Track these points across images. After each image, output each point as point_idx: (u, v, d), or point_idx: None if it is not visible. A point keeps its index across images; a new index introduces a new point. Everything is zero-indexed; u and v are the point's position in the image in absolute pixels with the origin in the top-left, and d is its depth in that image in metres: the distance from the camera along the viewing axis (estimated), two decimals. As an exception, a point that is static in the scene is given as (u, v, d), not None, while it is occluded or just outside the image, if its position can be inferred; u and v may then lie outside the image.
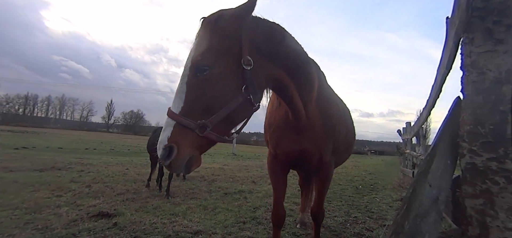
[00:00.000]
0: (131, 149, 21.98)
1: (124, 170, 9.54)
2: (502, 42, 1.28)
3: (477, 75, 1.31)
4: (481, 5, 1.34)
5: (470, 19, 1.33)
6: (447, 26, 1.78)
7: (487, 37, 1.30)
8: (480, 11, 1.34)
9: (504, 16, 1.28)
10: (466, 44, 1.38)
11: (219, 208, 5.19)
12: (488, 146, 1.29)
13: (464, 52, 1.37)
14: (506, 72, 1.25)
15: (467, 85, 1.34)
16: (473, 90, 1.31)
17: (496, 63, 1.27)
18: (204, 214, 4.78)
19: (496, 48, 1.28)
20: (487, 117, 1.27)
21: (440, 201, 1.35)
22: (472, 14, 1.34)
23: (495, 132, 1.25)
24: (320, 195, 2.67)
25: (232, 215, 4.83)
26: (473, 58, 1.33)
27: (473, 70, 1.33)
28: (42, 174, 7.79)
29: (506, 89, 1.24)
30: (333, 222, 4.76)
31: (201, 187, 7.32)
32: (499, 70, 1.26)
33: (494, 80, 1.26)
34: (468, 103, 1.35)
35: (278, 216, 2.54)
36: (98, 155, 15.31)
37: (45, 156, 12.24)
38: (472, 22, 1.35)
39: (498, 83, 1.25)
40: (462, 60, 1.38)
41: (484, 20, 1.32)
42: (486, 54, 1.30)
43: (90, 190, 6.06)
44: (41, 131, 43.19)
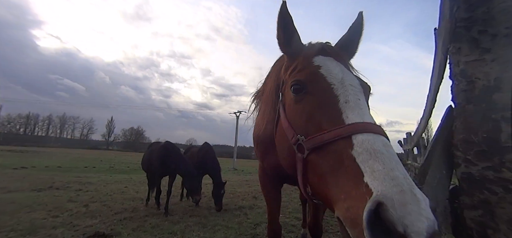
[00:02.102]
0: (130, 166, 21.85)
1: (122, 188, 9.43)
2: (490, 51, 1.29)
3: (466, 84, 1.31)
4: (466, 16, 1.37)
5: (456, 29, 1.35)
6: (436, 37, 1.80)
7: (473, 47, 1.31)
8: (465, 22, 1.36)
9: (489, 26, 1.30)
10: (453, 54, 1.39)
11: (219, 226, 5.08)
12: (482, 154, 1.27)
13: (453, 62, 1.38)
14: (495, 80, 1.25)
15: (457, 94, 1.34)
16: (463, 99, 1.31)
17: (484, 71, 1.28)
18: (203, 232, 4.67)
19: (484, 57, 1.29)
20: (480, 126, 1.26)
21: (437, 214, 1.31)
22: (457, 24, 1.36)
23: (488, 140, 1.23)
24: (315, 209, 2.61)
25: (232, 232, 4.72)
26: (461, 67, 1.34)
27: (462, 79, 1.33)
28: (39, 194, 7.70)
29: (497, 97, 1.24)
30: (335, 237, 4.63)
31: (200, 204, 7.20)
32: (488, 79, 1.26)
33: (483, 89, 1.26)
34: (459, 111, 1.34)
35: (273, 232, 2.48)
36: (97, 173, 15.19)
37: (43, 175, 12.14)
38: (458, 32, 1.36)
39: (488, 91, 1.25)
40: (450, 69, 1.39)
41: (470, 30, 1.34)
42: (474, 63, 1.30)
43: (87, 210, 5.96)
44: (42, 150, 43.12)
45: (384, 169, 0.83)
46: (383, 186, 0.78)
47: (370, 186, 0.80)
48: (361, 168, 0.86)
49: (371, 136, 0.94)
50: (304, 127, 1.13)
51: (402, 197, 0.75)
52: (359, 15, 1.49)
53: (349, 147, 0.94)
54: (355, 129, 0.97)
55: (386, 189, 0.77)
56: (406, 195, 0.75)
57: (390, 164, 0.85)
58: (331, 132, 1.00)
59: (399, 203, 0.74)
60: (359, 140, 0.94)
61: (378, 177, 0.81)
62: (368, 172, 0.84)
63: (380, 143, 0.93)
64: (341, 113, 1.05)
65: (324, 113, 1.09)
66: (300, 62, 1.31)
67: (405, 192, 0.76)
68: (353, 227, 0.81)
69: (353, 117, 1.02)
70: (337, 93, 1.12)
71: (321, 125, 1.07)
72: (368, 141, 0.93)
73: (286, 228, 5.07)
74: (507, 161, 1.19)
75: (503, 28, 1.26)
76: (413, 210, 0.72)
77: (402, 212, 0.72)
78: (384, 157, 0.87)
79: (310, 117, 1.13)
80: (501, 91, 1.24)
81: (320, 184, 1.01)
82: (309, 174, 1.08)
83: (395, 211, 0.72)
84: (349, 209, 0.83)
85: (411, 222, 0.71)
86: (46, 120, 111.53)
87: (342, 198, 0.87)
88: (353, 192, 0.84)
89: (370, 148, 0.90)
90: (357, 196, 0.82)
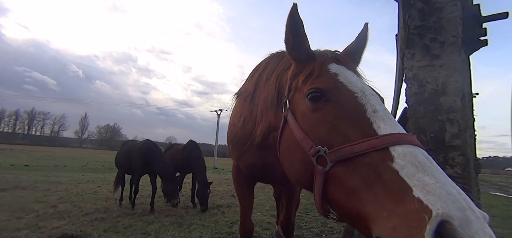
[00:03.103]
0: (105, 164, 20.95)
1: (95, 187, 9.03)
2: (439, 57, 1.40)
3: (418, 87, 1.43)
4: (420, 24, 1.48)
5: (411, 36, 1.47)
6: (396, 43, 1.93)
7: (425, 53, 1.43)
8: (419, 29, 1.47)
9: (438, 34, 1.41)
10: (408, 59, 1.50)
11: (195, 225, 5.03)
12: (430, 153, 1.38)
13: (407, 66, 1.49)
14: (442, 84, 1.37)
15: (410, 97, 1.45)
16: (415, 101, 1.42)
17: (433, 76, 1.39)
18: (179, 232, 4.61)
19: (433, 63, 1.40)
20: (428, 126, 1.37)
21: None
22: (412, 31, 1.47)
23: (435, 139, 1.35)
24: (287, 207, 2.68)
25: (208, 231, 4.70)
26: (414, 71, 1.45)
27: (415, 82, 1.44)
28: (3, 194, 7.18)
29: (443, 100, 1.35)
30: (309, 233, 4.77)
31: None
32: (436, 83, 1.38)
33: (432, 92, 1.38)
34: (411, 113, 1.45)
35: (245, 229, 2.51)
36: (68, 172, 14.41)
37: (8, 174, 11.31)
38: (412, 39, 1.48)
39: (436, 95, 1.37)
40: (405, 74, 1.50)
41: (423, 38, 1.45)
42: (425, 68, 1.42)
43: (55, 211, 5.65)
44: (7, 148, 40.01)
45: (437, 183, 0.74)
46: (442, 202, 0.69)
47: (425, 202, 0.70)
48: (407, 182, 0.77)
49: (411, 147, 0.86)
50: (325, 138, 1.02)
51: (465, 215, 0.67)
52: (364, 26, 1.49)
53: (389, 159, 0.84)
54: (392, 140, 0.88)
55: (447, 206, 0.68)
56: (468, 212, 0.68)
57: (441, 177, 0.77)
58: (364, 143, 0.90)
59: (465, 222, 0.66)
60: (399, 152, 0.84)
61: (433, 192, 0.72)
62: (419, 186, 0.75)
63: (422, 155, 0.84)
64: (371, 124, 0.96)
65: (350, 124, 1.00)
66: (315, 69, 1.22)
67: (466, 209, 0.68)
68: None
69: (386, 128, 0.93)
70: (362, 102, 1.03)
71: (348, 136, 0.97)
72: (410, 152, 0.84)
73: (262, 226, 5.13)
74: (450, 159, 1.30)
75: (450, 36, 1.38)
76: (480, 229, 0.65)
77: (471, 232, 0.64)
78: (433, 169, 0.79)
79: (334, 128, 1.02)
80: (447, 95, 1.36)
81: (349, 200, 0.90)
82: (332, 188, 0.96)
83: (463, 231, 0.64)
84: (397, 229, 0.72)
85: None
86: (12, 115, 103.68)
87: (384, 216, 0.77)
88: (400, 209, 0.74)
89: (414, 161, 0.81)
90: (407, 213, 0.72)
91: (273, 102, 1.49)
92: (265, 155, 2.16)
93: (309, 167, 1.04)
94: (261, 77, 1.77)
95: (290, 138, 1.19)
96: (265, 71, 1.73)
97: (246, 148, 2.13)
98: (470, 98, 1.38)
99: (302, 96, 1.19)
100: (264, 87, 1.65)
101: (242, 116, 2.17)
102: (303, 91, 1.20)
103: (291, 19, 1.25)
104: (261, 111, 1.67)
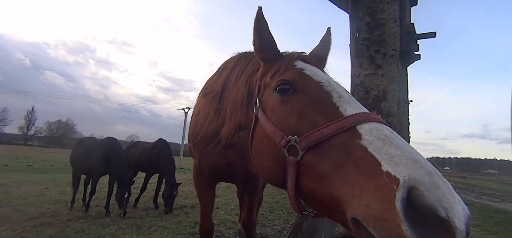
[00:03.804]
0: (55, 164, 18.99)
1: (42, 189, 8.16)
2: (381, 67, 1.58)
3: (364, 93, 1.59)
4: (367, 36, 1.65)
5: (359, 46, 1.63)
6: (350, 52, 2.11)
7: (371, 62, 1.60)
8: (367, 41, 1.64)
9: (381, 46, 1.59)
10: (357, 67, 1.66)
11: (155, 226, 4.85)
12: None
13: (355, 74, 1.65)
14: (383, 91, 1.55)
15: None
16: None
17: (376, 84, 1.56)
18: (137, 235, 4.40)
19: (377, 72, 1.58)
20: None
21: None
22: (360, 43, 1.63)
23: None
24: (249, 206, 2.73)
25: (169, 232, 4.56)
26: (361, 79, 1.61)
27: (361, 88, 1.61)
28: None
29: (383, 105, 1.53)
30: (271, 230, 4.91)
31: (138, 205, 6.75)
32: (378, 90, 1.56)
33: (375, 98, 1.56)
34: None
35: (205, 229, 2.51)
36: (9, 172, 12.76)
37: None
38: (361, 49, 1.64)
39: (378, 100, 1.55)
40: (352, 80, 1.66)
41: (369, 48, 1.62)
42: (370, 76, 1.59)
43: (-10, 216, 4.99)
44: None
45: (403, 153, 0.75)
46: (409, 169, 0.70)
47: (393, 173, 0.71)
48: (376, 157, 0.77)
49: (376, 124, 0.89)
50: (295, 127, 1.03)
51: (432, 179, 0.67)
52: (327, 30, 1.57)
53: (357, 137, 0.86)
54: (358, 119, 0.90)
55: (413, 172, 0.68)
56: (435, 177, 0.68)
57: (407, 147, 0.79)
58: (332, 125, 0.91)
59: (432, 185, 0.66)
60: (366, 129, 0.87)
61: (400, 162, 0.73)
62: (386, 159, 0.75)
63: (388, 130, 0.87)
64: (338, 107, 0.99)
65: (318, 110, 1.02)
66: (282, 65, 1.25)
67: (433, 174, 0.69)
68: (381, 225, 0.68)
69: (351, 110, 0.96)
70: (328, 89, 1.07)
71: (317, 122, 0.98)
72: (376, 128, 0.87)
73: (227, 225, 5.15)
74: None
75: (390, 49, 1.55)
76: (447, 192, 0.65)
77: (438, 194, 0.64)
78: (398, 141, 0.81)
79: (302, 116, 1.04)
80: (386, 101, 1.53)
81: (322, 187, 0.89)
82: (304, 178, 0.96)
83: (431, 194, 0.64)
84: (370, 205, 0.71)
85: (450, 205, 0.63)
86: None
87: (356, 195, 0.76)
88: (371, 185, 0.74)
89: (380, 135, 0.83)
90: (378, 188, 0.72)
91: (243, 103, 1.49)
92: (228, 154, 2.18)
93: (281, 161, 1.04)
94: (230, 77, 1.75)
95: (262, 135, 1.20)
96: (234, 72, 1.73)
97: (209, 147, 2.12)
98: (406, 105, 1.60)
99: (271, 91, 1.22)
100: (234, 88, 1.64)
101: (207, 116, 2.12)
102: (271, 86, 1.23)
103: (257, 22, 1.30)
104: (230, 112, 1.66)
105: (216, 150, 2.15)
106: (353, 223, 0.77)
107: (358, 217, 0.74)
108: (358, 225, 0.75)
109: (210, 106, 2.00)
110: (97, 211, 5.86)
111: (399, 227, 0.63)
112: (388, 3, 1.62)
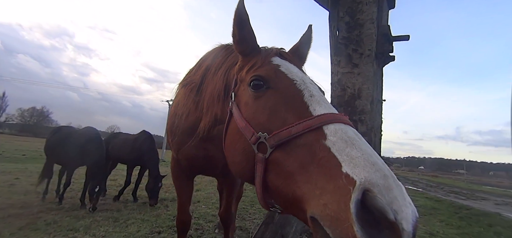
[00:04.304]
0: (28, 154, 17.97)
1: (12, 179, 7.71)
2: (357, 66, 1.64)
3: (340, 91, 1.64)
4: (346, 35, 1.69)
5: (338, 45, 1.68)
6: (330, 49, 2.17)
7: (348, 61, 1.65)
8: (345, 40, 1.69)
9: (359, 46, 1.65)
10: (335, 65, 1.71)
11: (133, 219, 4.74)
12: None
13: (333, 72, 1.70)
14: (358, 90, 1.61)
15: (333, 99, 1.67)
16: (337, 103, 1.65)
17: (352, 82, 1.62)
18: (113, 227, 4.28)
19: (353, 71, 1.64)
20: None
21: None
22: (339, 41, 1.68)
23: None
24: (228, 199, 2.75)
25: (147, 225, 4.48)
26: (339, 77, 1.67)
27: (338, 86, 1.66)
28: None
29: (358, 103, 1.59)
30: (251, 224, 4.96)
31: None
32: (354, 88, 1.62)
33: (351, 95, 1.61)
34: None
35: (183, 222, 2.50)
36: (-26, 162, 11.93)
37: None
38: (339, 48, 1.69)
39: (353, 98, 1.60)
40: (331, 78, 1.71)
41: (347, 47, 1.67)
42: (347, 74, 1.64)
43: (-50, 207, 4.66)
44: None
45: (363, 155, 0.78)
46: (366, 172, 0.73)
47: (351, 175, 0.73)
48: (338, 158, 0.80)
49: (342, 125, 0.91)
50: (266, 124, 1.04)
51: (386, 182, 0.71)
52: (308, 27, 1.57)
53: (322, 138, 0.87)
54: (326, 119, 0.92)
55: (369, 175, 0.71)
56: (390, 180, 0.72)
57: (367, 150, 0.81)
58: (300, 125, 0.93)
59: (385, 188, 0.69)
60: (331, 130, 0.89)
61: (359, 164, 0.75)
62: (346, 161, 0.78)
63: (352, 132, 0.90)
64: (308, 107, 1.00)
65: (289, 108, 1.03)
66: (258, 60, 1.25)
67: (388, 177, 0.72)
68: (335, 225, 0.71)
69: (320, 110, 0.98)
70: (300, 88, 1.08)
71: (286, 120, 0.99)
72: (341, 130, 0.89)
73: (207, 218, 5.14)
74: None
75: (367, 49, 1.61)
76: (398, 195, 0.69)
77: (390, 197, 0.68)
78: (360, 143, 0.84)
79: (273, 113, 1.05)
80: (361, 99, 1.59)
81: (286, 184, 0.91)
82: (271, 175, 0.98)
83: (383, 197, 0.67)
84: (328, 206, 0.74)
85: (399, 208, 0.67)
86: None
87: (316, 195, 0.78)
88: (330, 186, 0.76)
89: (344, 136, 0.85)
90: (336, 189, 0.74)
91: (220, 96, 1.47)
92: (207, 147, 2.15)
93: (250, 157, 1.04)
94: (209, 69, 1.72)
95: (234, 130, 1.20)
96: (214, 64, 1.70)
97: (188, 140, 2.09)
98: (379, 104, 1.67)
99: (246, 86, 1.21)
100: (212, 80, 1.62)
101: (186, 107, 2.07)
102: (246, 80, 1.22)
103: (238, 14, 1.28)
104: (207, 105, 1.64)
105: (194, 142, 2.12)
106: (311, 221, 0.79)
107: (316, 216, 0.76)
108: (315, 224, 0.77)
109: (189, 98, 1.96)
110: (71, 203, 5.64)
111: (351, 228, 0.66)
112: (367, 4, 1.67)
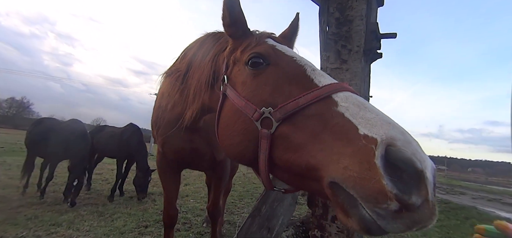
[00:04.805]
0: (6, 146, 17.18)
1: (-11, 173, 7.38)
2: (346, 62, 1.65)
3: (329, 86, 1.66)
4: (336, 31, 1.70)
5: (327, 40, 1.69)
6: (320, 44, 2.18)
7: (337, 57, 1.67)
8: (334, 36, 1.70)
9: (348, 42, 1.66)
10: (324, 60, 1.72)
11: (119, 213, 4.66)
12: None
13: (322, 67, 1.71)
14: (347, 85, 1.63)
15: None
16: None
17: (341, 78, 1.64)
18: (98, 221, 4.20)
19: (342, 67, 1.65)
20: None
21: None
22: (329, 36, 1.69)
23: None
24: (215, 193, 2.74)
25: (133, 219, 4.41)
26: (327, 73, 1.67)
27: (327, 82, 1.68)
28: None
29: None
30: (239, 218, 4.99)
31: (101, 191, 6.42)
32: (342, 84, 1.64)
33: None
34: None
35: (169, 216, 2.48)
36: None
37: None
38: (329, 43, 1.70)
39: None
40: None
41: (336, 43, 1.68)
42: (336, 70, 1.66)
43: None
44: None
45: (378, 116, 0.80)
46: (384, 129, 0.75)
47: (370, 135, 0.75)
48: (353, 122, 0.81)
49: (350, 93, 0.92)
50: (269, 100, 1.02)
51: (405, 137, 0.73)
52: (296, 15, 1.59)
53: (333, 105, 0.88)
54: (334, 88, 0.93)
55: (389, 132, 0.73)
56: (407, 135, 0.74)
57: (380, 112, 0.83)
58: (308, 95, 0.92)
59: (406, 142, 0.72)
60: (341, 97, 0.90)
61: (376, 123, 0.77)
62: (362, 123, 0.79)
63: (361, 98, 0.91)
64: (313, 79, 1.00)
65: (293, 82, 1.03)
66: (252, 41, 1.24)
67: (405, 133, 0.75)
68: (361, 183, 0.71)
69: (325, 81, 0.98)
70: (301, 63, 1.08)
71: (292, 93, 0.98)
72: (351, 95, 0.90)
73: (195, 212, 5.12)
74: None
75: (355, 46, 1.63)
76: (419, 148, 0.72)
77: (412, 149, 0.70)
78: (372, 107, 0.85)
79: (277, 88, 1.04)
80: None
81: (297, 157, 0.89)
82: (279, 150, 0.96)
83: (406, 148, 0.69)
84: (349, 167, 0.74)
85: (422, 158, 0.69)
86: None
87: (334, 160, 0.78)
88: (348, 149, 0.76)
89: (356, 101, 0.87)
90: (356, 151, 0.75)
91: (208, 82, 1.44)
92: (193, 139, 2.12)
93: (252, 136, 1.02)
94: (196, 56, 1.67)
95: (231, 111, 1.17)
96: (200, 51, 1.65)
97: (173, 132, 2.03)
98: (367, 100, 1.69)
99: (242, 65, 1.20)
100: (199, 67, 1.57)
101: (171, 97, 2.00)
102: (242, 60, 1.21)
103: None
104: (193, 93, 1.59)
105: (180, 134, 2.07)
106: (330, 187, 0.78)
107: (337, 179, 0.75)
108: (336, 188, 0.76)
109: (174, 88, 1.89)
110: (53, 197, 5.47)
111: (380, 183, 0.67)
112: (357, 1, 1.69)
